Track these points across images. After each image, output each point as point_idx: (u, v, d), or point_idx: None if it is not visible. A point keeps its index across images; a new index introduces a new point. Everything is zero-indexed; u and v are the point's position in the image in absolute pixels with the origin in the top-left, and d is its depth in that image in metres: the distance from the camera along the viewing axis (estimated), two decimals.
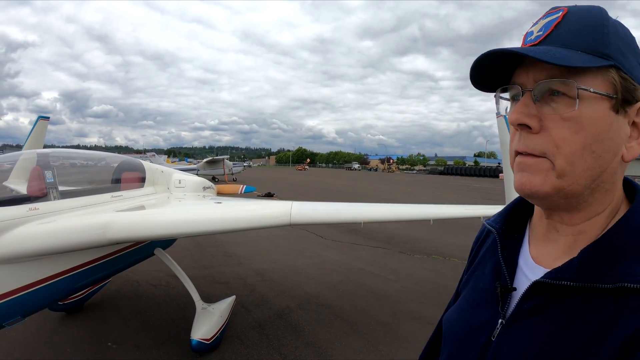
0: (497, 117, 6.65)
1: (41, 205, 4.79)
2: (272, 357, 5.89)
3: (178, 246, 8.58)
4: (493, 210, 6.74)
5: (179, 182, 7.88)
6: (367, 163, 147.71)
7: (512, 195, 6.23)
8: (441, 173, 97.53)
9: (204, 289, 7.27)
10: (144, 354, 6.15)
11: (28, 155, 5.91)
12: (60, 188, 5.31)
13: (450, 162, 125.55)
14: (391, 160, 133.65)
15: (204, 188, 8.42)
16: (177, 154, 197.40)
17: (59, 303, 7.13)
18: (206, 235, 9.97)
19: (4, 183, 5.24)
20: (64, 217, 4.92)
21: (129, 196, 6.38)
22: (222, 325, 6.36)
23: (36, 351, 6.27)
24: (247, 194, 11.10)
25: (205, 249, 12.61)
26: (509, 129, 1.10)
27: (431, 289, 8.77)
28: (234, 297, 7.20)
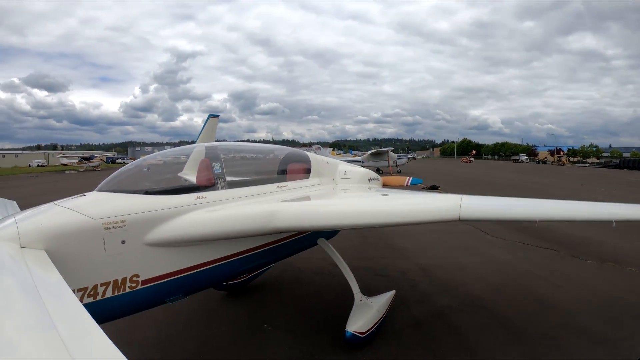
0: None
1: (208, 194, 4.98)
2: (426, 358, 5.52)
3: (341, 235, 8.45)
4: None
5: (345, 174, 7.72)
6: (535, 155, 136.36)
7: None
8: (616, 166, 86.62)
9: (365, 280, 7.09)
10: (297, 339, 6.15)
11: (199, 148, 6.14)
12: (228, 178, 5.47)
13: (626, 154, 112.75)
14: (561, 152, 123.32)
15: (370, 179, 8.14)
16: (342, 146, 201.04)
17: (223, 283, 7.40)
18: (371, 228, 9.76)
19: (179, 174, 5.45)
20: (230, 206, 5.04)
21: (294, 187, 6.41)
22: (379, 320, 6.14)
23: (196, 325, 6.59)
24: (413, 187, 10.63)
25: (369, 239, 12.49)
26: None
27: (604, 302, 7.60)
28: (393, 291, 6.96)
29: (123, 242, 4.07)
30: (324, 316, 6.89)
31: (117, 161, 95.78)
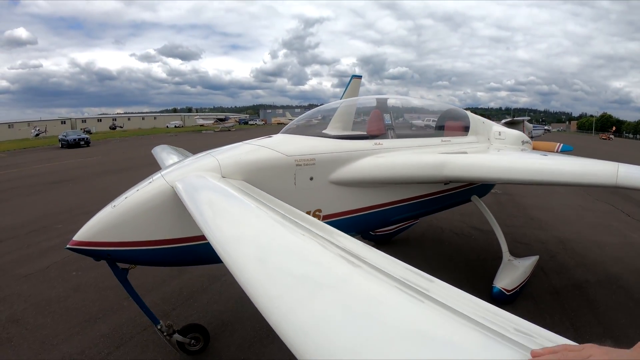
0: None
1: (383, 142, 5.40)
2: (564, 325, 5.60)
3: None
4: None
5: (499, 134, 7.72)
6: None
7: None
8: None
9: None
10: None
11: (363, 101, 6.77)
12: (396, 129, 5.91)
13: None
14: None
15: (523, 142, 8.08)
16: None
17: (371, 233, 7.89)
18: (531, 184, 9.59)
19: (323, 131, 5.67)
20: (403, 153, 5.42)
21: (455, 142, 6.61)
22: (524, 281, 6.31)
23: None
24: (564, 153, 10.27)
25: (507, 209, 12.40)
26: None
27: None
28: (537, 257, 7.07)
29: (311, 178, 4.55)
30: (465, 273, 7.17)
31: (250, 123, 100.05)
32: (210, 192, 3.43)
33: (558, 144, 10.10)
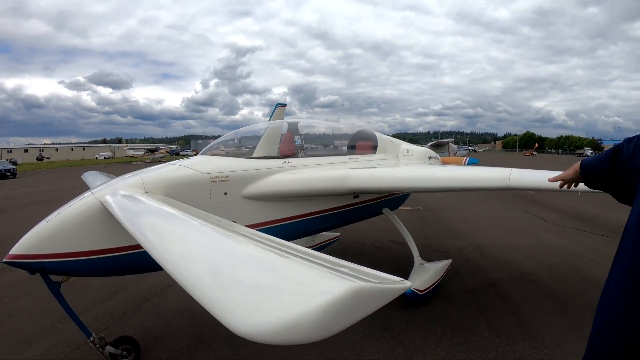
0: None
1: (292, 160, 5.93)
2: (477, 319, 6.00)
3: (402, 218, 8.88)
4: None
5: (407, 151, 8.32)
6: (601, 149, 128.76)
7: None
8: None
9: (423, 255, 7.51)
10: None
11: (276, 124, 7.05)
12: (307, 149, 6.53)
13: None
14: None
15: (430, 157, 8.71)
16: (402, 139, 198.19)
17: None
18: (431, 191, 10.19)
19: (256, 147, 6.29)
20: (311, 170, 5.95)
21: (363, 159, 7.20)
22: (436, 282, 6.70)
23: None
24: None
25: (428, 222, 13.06)
26: None
27: None
28: (450, 260, 7.57)
29: (225, 193, 5.00)
30: None
31: (181, 153, 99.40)
32: (139, 206, 3.72)
33: (465, 157, 10.93)
